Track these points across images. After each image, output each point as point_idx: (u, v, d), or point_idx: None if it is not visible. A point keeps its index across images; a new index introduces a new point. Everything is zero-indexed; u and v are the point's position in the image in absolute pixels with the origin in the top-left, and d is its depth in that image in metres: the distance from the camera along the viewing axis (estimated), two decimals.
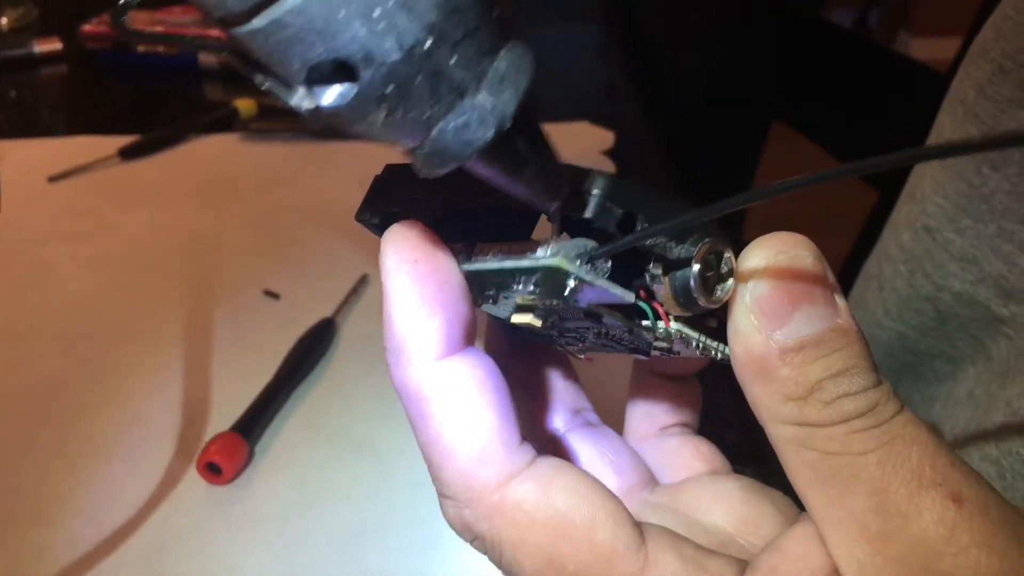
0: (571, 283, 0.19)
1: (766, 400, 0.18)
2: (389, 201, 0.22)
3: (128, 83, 0.85)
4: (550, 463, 0.20)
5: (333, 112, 0.15)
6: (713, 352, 0.21)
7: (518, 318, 0.22)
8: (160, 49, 0.85)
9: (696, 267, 0.19)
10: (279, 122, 0.71)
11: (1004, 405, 0.33)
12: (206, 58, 0.82)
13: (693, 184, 0.89)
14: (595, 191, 0.19)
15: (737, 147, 1.08)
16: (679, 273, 0.19)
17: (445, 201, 0.20)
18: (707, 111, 1.07)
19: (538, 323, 0.22)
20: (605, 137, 0.71)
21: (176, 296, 0.52)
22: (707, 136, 1.05)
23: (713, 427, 0.28)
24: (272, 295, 0.52)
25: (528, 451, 0.20)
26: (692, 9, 1.14)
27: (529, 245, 0.19)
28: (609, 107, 0.82)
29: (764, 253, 0.18)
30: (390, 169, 0.23)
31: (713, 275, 0.19)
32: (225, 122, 0.72)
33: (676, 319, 0.20)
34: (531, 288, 0.20)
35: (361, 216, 0.23)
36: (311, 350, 0.47)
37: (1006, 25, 0.29)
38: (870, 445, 0.17)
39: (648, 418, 0.26)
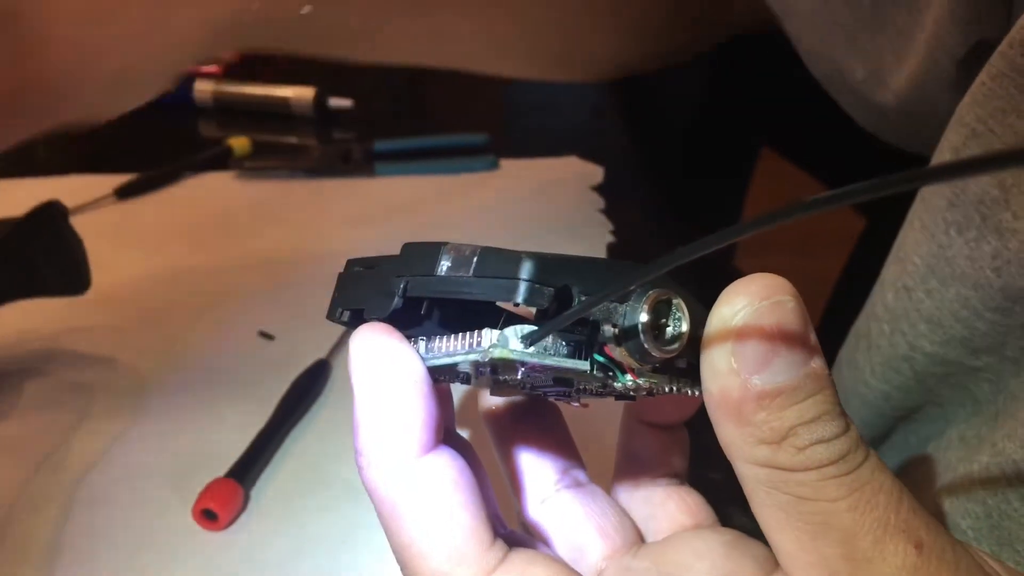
0: (521, 369, 0.20)
1: (738, 441, 0.18)
2: (353, 299, 0.23)
3: (122, 119, 0.85)
4: (522, 556, 0.21)
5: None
6: (688, 391, 0.22)
7: (495, 394, 0.22)
8: None
9: (642, 323, 0.20)
10: (273, 160, 0.72)
11: (990, 446, 0.34)
12: (201, 95, 0.83)
13: (683, 213, 0.90)
14: (522, 276, 0.19)
15: (725, 174, 1.09)
16: (629, 331, 0.20)
17: (402, 296, 0.21)
18: (694, 137, 1.08)
19: (512, 393, 0.23)
20: (594, 172, 0.72)
21: (171, 337, 0.53)
22: (695, 164, 1.06)
23: (697, 466, 0.29)
24: (267, 336, 0.52)
25: (501, 547, 0.20)
26: None
27: (478, 336, 0.20)
28: (595, 131, 0.83)
29: (746, 298, 0.18)
30: (350, 264, 0.24)
31: (664, 324, 0.20)
32: (220, 160, 0.73)
33: (642, 369, 0.21)
34: (489, 373, 0.21)
35: (331, 316, 0.24)
36: (305, 392, 0.47)
37: (980, 91, 0.30)
38: (841, 492, 0.18)
39: (636, 468, 0.27)
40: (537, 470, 0.26)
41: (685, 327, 0.20)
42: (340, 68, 1.00)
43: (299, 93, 0.81)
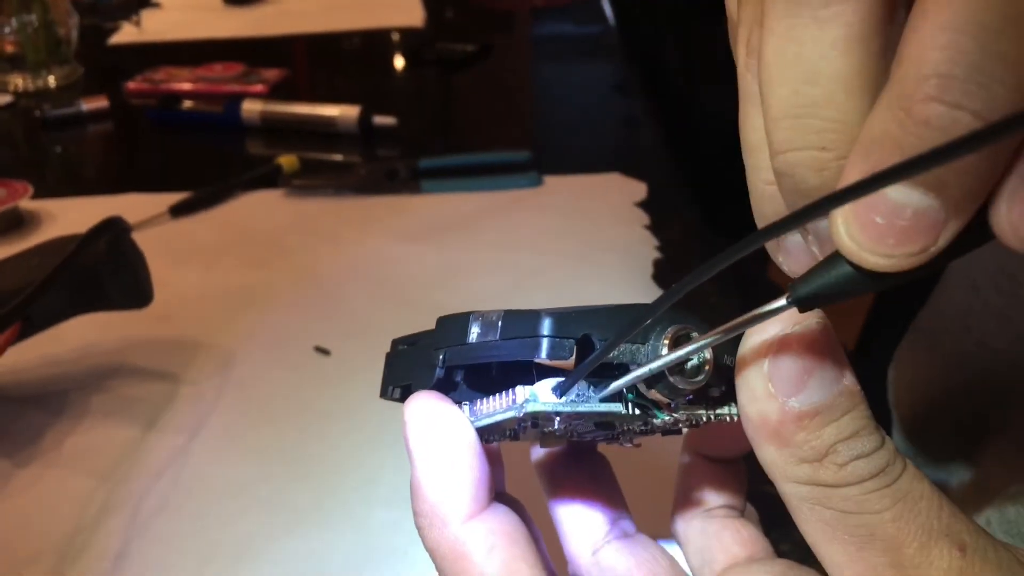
0: (556, 419, 0.21)
1: (780, 462, 0.19)
2: (400, 376, 0.24)
3: (172, 139, 0.88)
4: None
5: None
6: (726, 418, 0.23)
7: (544, 446, 0.24)
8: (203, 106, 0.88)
9: (664, 360, 0.20)
10: (321, 178, 0.74)
11: None
12: (249, 115, 0.85)
13: (728, 227, 0.91)
14: (543, 333, 0.21)
15: None
16: (653, 369, 0.21)
17: (442, 366, 0.23)
18: (732, 151, 1.08)
19: (561, 443, 0.24)
20: (637, 188, 0.72)
21: (229, 352, 0.54)
22: (733, 176, 1.06)
23: (754, 481, 0.29)
24: (323, 351, 0.53)
25: None
26: (714, 47, 1.16)
27: (512, 394, 0.21)
28: (633, 146, 0.83)
29: (777, 324, 0.19)
30: (395, 343, 0.25)
31: (687, 358, 0.21)
32: (269, 178, 0.74)
33: (677, 404, 0.22)
34: (530, 428, 0.22)
35: (384, 394, 0.25)
36: None
37: None
38: (885, 504, 0.18)
39: (693, 500, 0.28)
40: (587, 521, 0.27)
41: (709, 357, 0.21)
42: (381, 86, 1.02)
43: (344, 111, 0.82)
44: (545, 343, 0.21)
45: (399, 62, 1.09)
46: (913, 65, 0.16)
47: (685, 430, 0.24)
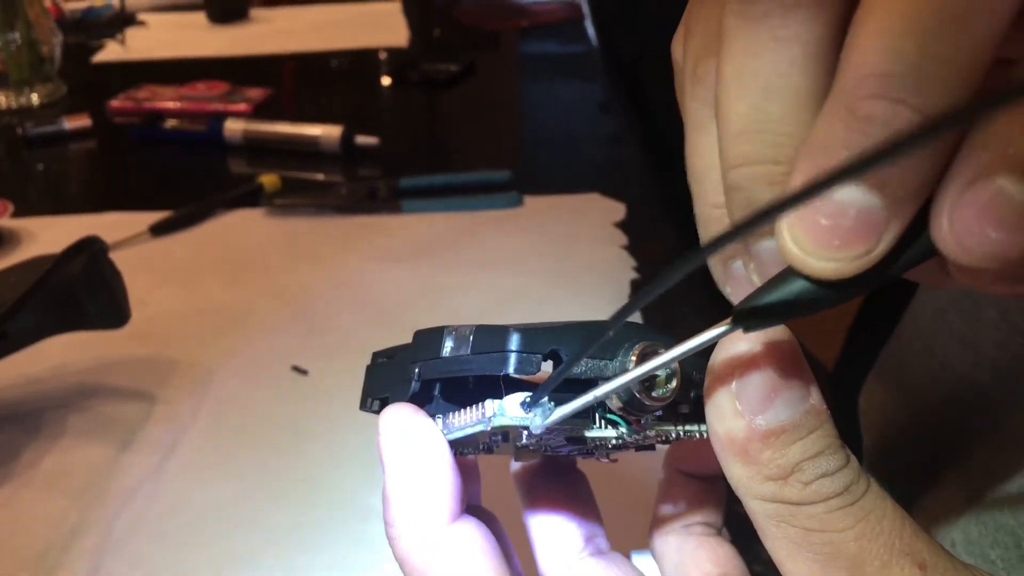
0: (524, 433, 0.21)
1: (746, 479, 0.19)
2: (378, 388, 0.25)
3: (155, 157, 0.88)
4: None
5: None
6: (696, 435, 0.23)
7: (518, 460, 0.24)
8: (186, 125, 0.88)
9: (622, 379, 0.20)
10: (302, 197, 0.74)
11: (1021, 477, 0.34)
12: (231, 133, 0.85)
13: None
14: (511, 348, 0.21)
15: None
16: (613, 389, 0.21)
17: (417, 380, 0.23)
18: None
19: (535, 458, 0.24)
20: (616, 208, 0.73)
21: (206, 371, 0.54)
22: None
23: (728, 500, 0.30)
24: (300, 371, 0.53)
25: None
26: None
27: (482, 408, 0.22)
28: (615, 166, 0.84)
29: (745, 343, 0.19)
30: (375, 356, 0.26)
31: (654, 375, 0.21)
32: (250, 197, 0.74)
33: (646, 420, 0.22)
34: (503, 442, 0.23)
35: (363, 407, 0.25)
36: None
37: None
38: (848, 522, 0.19)
39: (672, 516, 0.28)
40: (562, 537, 0.27)
41: (676, 370, 0.21)
42: (366, 105, 1.03)
43: (327, 131, 0.83)
44: (513, 358, 0.21)
45: (384, 82, 1.09)
46: (855, 67, 0.16)
47: (658, 446, 0.25)
